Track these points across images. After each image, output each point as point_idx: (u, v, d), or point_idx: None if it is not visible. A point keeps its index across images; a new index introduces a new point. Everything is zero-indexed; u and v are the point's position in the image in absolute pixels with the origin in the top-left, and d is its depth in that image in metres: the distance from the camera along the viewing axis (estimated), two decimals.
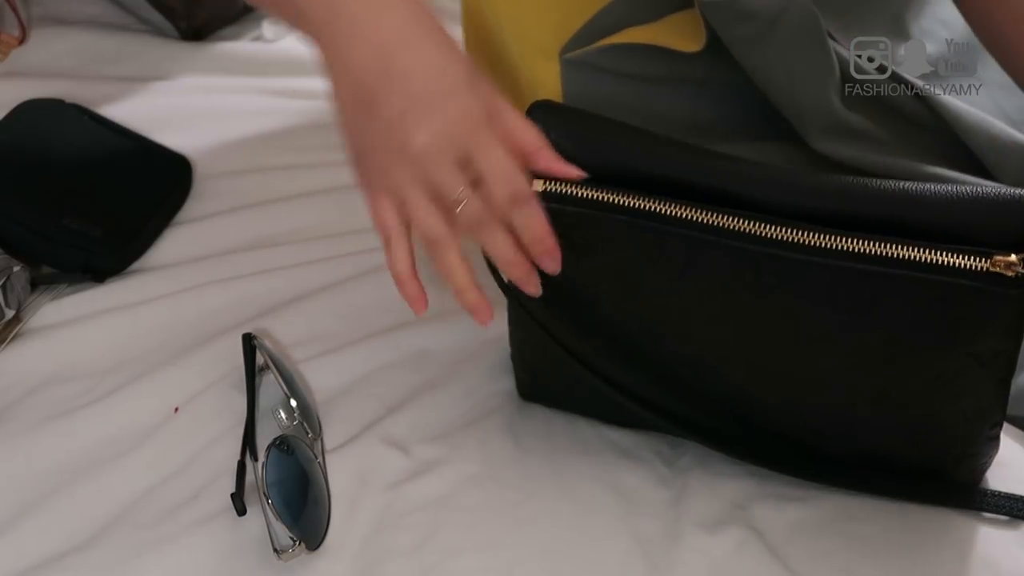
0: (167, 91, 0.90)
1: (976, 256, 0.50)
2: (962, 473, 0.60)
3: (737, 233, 0.52)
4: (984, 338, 0.52)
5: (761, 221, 0.52)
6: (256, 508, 0.58)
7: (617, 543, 0.58)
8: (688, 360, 0.59)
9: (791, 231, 0.52)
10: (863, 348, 0.55)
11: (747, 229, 0.52)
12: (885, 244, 0.50)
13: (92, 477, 0.61)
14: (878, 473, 0.60)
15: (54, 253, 0.73)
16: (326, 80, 0.55)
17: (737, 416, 0.60)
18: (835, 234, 0.51)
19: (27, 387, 0.66)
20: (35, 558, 0.57)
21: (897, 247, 0.50)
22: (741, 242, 0.52)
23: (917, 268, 0.50)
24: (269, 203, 0.80)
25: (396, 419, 0.64)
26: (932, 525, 0.59)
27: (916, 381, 0.55)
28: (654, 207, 0.53)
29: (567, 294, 0.58)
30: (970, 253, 0.50)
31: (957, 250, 0.50)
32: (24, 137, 0.80)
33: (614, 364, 0.60)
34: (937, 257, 0.50)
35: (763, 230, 0.52)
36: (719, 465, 0.62)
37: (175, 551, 0.57)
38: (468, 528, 0.59)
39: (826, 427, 0.59)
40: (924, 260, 0.50)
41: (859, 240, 0.51)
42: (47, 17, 0.96)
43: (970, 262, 0.50)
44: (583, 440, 0.63)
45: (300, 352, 0.68)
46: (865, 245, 0.51)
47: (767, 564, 0.57)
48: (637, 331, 0.59)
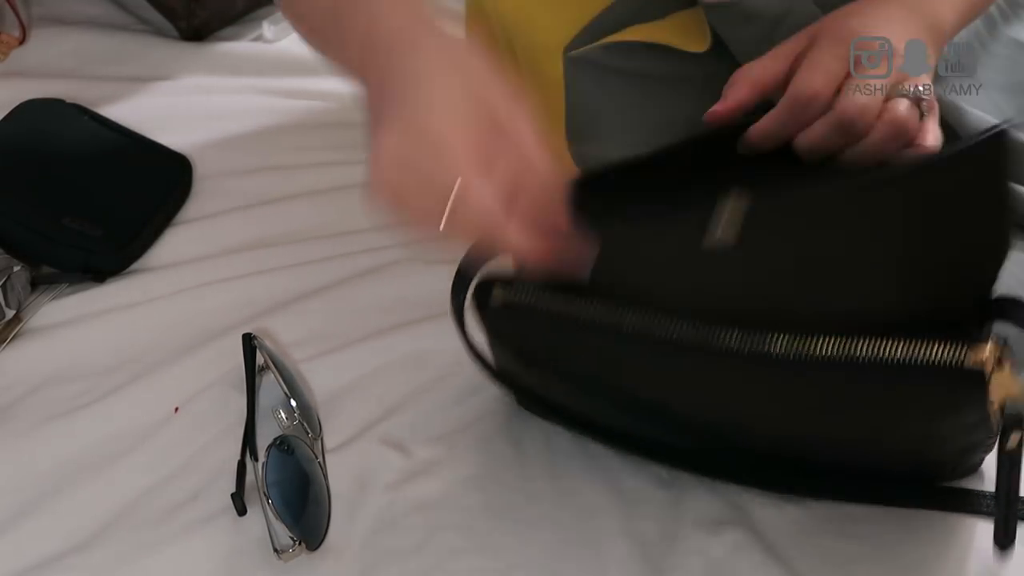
0: (167, 91, 0.90)
1: (952, 347, 0.45)
2: (961, 472, 0.60)
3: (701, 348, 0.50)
4: (967, 415, 0.50)
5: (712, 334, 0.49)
6: (256, 508, 0.58)
7: (616, 544, 0.58)
8: (661, 408, 0.57)
9: (756, 338, 0.48)
10: (847, 420, 0.53)
11: (699, 341, 0.49)
12: (852, 343, 0.46)
13: (92, 477, 0.61)
14: (874, 484, 0.60)
15: (54, 253, 0.73)
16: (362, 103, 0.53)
17: (726, 445, 0.60)
18: (800, 340, 0.47)
19: (27, 387, 0.66)
20: (35, 558, 0.57)
21: (866, 344, 0.46)
22: (709, 355, 0.50)
23: (888, 368, 0.46)
24: (269, 203, 0.80)
25: (396, 419, 0.64)
26: (932, 525, 0.59)
27: (904, 439, 0.54)
28: (612, 321, 0.51)
29: (541, 361, 0.58)
30: (945, 342, 0.45)
31: (930, 340, 0.46)
32: (24, 137, 0.80)
33: (595, 410, 0.60)
34: (910, 353, 0.46)
35: (724, 341, 0.49)
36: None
37: (175, 551, 0.57)
38: (467, 529, 0.59)
39: (817, 455, 0.58)
40: (896, 359, 0.46)
41: (825, 341, 0.47)
42: (47, 17, 0.96)
43: (945, 355, 0.45)
44: (582, 441, 0.63)
45: (300, 352, 0.68)
46: (830, 347, 0.47)
47: (766, 564, 0.57)
48: (616, 396, 0.58)
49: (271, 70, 0.94)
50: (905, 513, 0.59)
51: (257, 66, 0.94)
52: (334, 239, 0.77)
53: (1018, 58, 0.73)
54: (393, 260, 0.75)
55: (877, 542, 0.58)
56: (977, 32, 0.72)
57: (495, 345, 0.59)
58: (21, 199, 0.74)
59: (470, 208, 0.47)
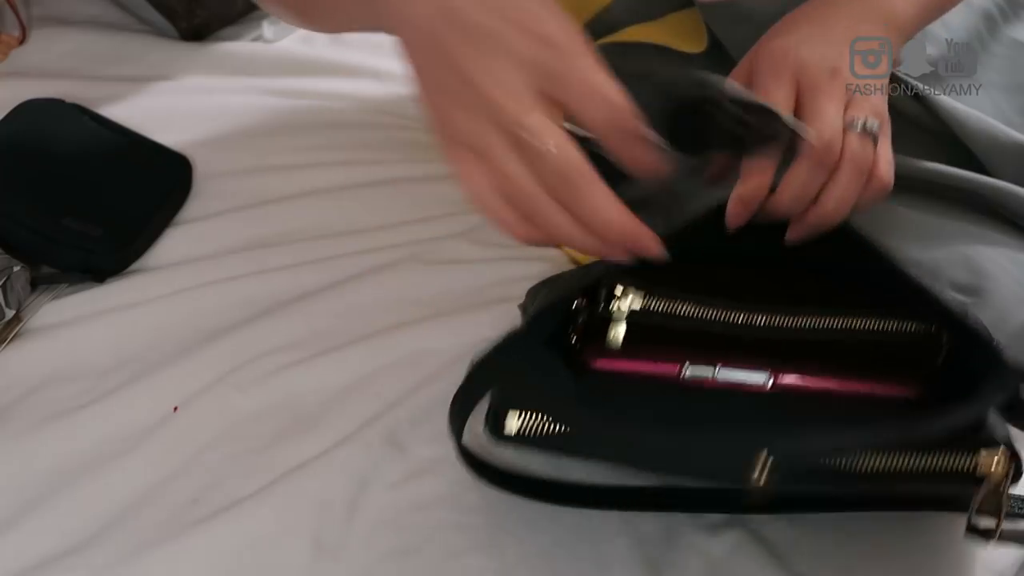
0: (167, 91, 0.90)
1: (963, 455, 0.49)
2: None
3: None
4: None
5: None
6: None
7: (617, 543, 0.58)
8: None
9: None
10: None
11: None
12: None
13: (92, 477, 0.61)
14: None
15: (54, 253, 0.73)
16: (400, 56, 0.50)
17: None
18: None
19: (27, 387, 0.66)
20: (35, 558, 0.57)
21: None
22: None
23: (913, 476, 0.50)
24: (269, 203, 0.80)
25: (396, 419, 0.64)
26: (932, 524, 0.59)
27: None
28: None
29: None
30: (957, 452, 0.49)
31: (945, 450, 0.49)
32: (24, 137, 0.80)
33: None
34: (922, 464, 0.49)
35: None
36: None
37: (175, 551, 0.57)
38: (468, 528, 0.59)
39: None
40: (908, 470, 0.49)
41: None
42: (47, 17, 0.96)
43: (957, 464, 0.49)
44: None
45: (300, 352, 0.68)
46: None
47: (766, 564, 0.57)
48: None
49: (271, 70, 0.94)
50: (904, 515, 0.59)
51: (257, 66, 0.94)
52: (334, 239, 0.77)
53: (1018, 58, 0.73)
54: (393, 260, 0.75)
55: (877, 542, 0.58)
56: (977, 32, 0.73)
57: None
58: (21, 199, 0.74)
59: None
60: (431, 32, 0.47)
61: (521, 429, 0.51)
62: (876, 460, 0.49)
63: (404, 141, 0.87)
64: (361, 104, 0.90)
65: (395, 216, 0.79)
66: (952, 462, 0.49)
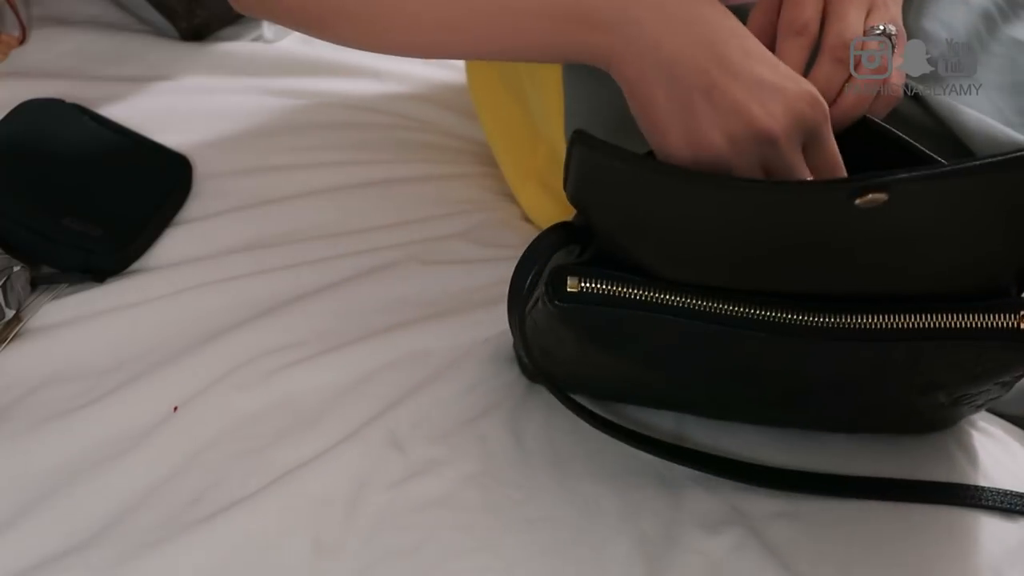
0: (167, 91, 0.90)
1: (1005, 314, 0.51)
2: (930, 426, 0.64)
3: (772, 324, 0.53)
4: (1012, 372, 0.55)
5: (790, 310, 0.53)
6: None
7: (617, 543, 0.58)
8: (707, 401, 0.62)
9: (817, 316, 0.53)
10: (890, 390, 0.58)
11: (778, 318, 0.53)
12: (909, 318, 0.52)
13: (92, 477, 0.61)
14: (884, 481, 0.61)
15: (54, 253, 0.73)
16: (622, 81, 0.56)
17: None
18: (855, 314, 0.52)
19: (27, 387, 0.66)
20: (35, 558, 0.57)
21: (923, 318, 0.52)
22: (774, 333, 0.53)
23: (945, 335, 0.52)
24: (269, 203, 0.80)
25: (396, 419, 0.64)
26: (933, 523, 0.59)
27: (939, 405, 0.59)
28: (691, 303, 0.53)
29: (589, 363, 0.59)
30: (999, 311, 0.52)
31: (985, 310, 0.52)
32: (24, 137, 0.80)
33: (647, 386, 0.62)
34: (965, 322, 0.52)
35: (793, 317, 0.53)
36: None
37: (175, 551, 0.57)
38: (468, 528, 0.59)
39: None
40: (952, 326, 0.52)
41: (882, 317, 0.52)
42: (47, 17, 0.96)
43: (1000, 321, 0.52)
44: (584, 439, 0.63)
45: (300, 352, 0.68)
46: (889, 321, 0.52)
47: (766, 564, 0.57)
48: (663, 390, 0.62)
49: (271, 70, 0.94)
50: (904, 512, 0.59)
51: (257, 66, 0.94)
52: (334, 239, 0.77)
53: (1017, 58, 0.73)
54: (393, 260, 0.75)
55: (876, 541, 0.58)
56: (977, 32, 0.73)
57: (554, 330, 0.58)
58: (21, 199, 0.74)
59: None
60: (697, 69, 0.53)
61: (583, 288, 0.53)
62: (918, 319, 0.52)
63: (403, 141, 0.87)
64: (361, 104, 0.90)
65: (395, 216, 0.79)
66: (995, 320, 0.52)
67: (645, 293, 0.53)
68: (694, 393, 0.63)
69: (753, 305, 0.53)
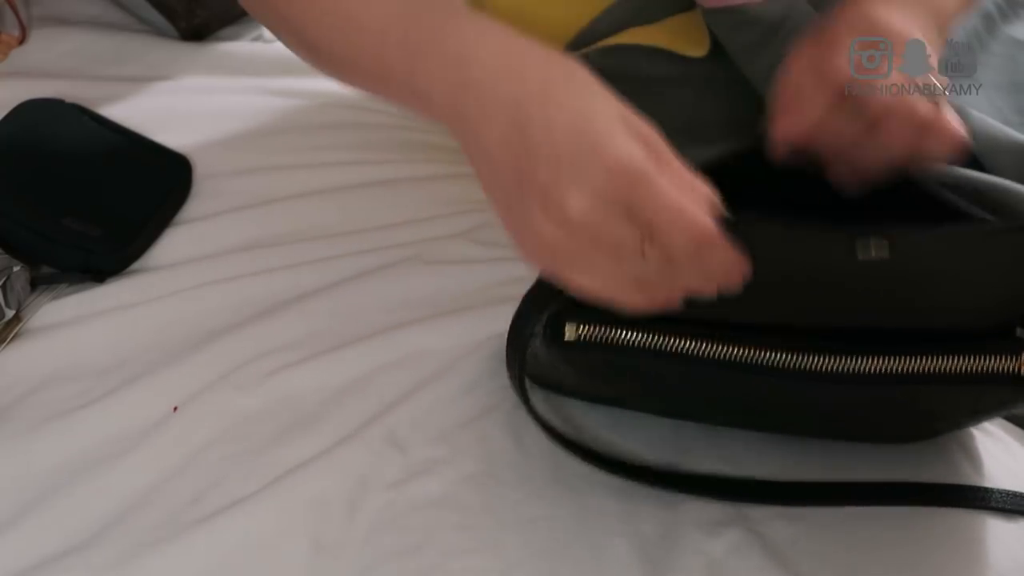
0: (167, 91, 0.90)
1: (1006, 356, 0.51)
2: (920, 437, 0.64)
3: (771, 369, 0.52)
4: (1012, 409, 0.56)
5: (791, 352, 0.52)
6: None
7: (616, 544, 0.58)
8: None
9: (818, 359, 0.52)
10: (892, 416, 0.58)
11: (778, 363, 0.52)
12: (909, 361, 0.51)
13: (92, 477, 0.61)
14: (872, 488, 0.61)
15: (54, 253, 0.73)
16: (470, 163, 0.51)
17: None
18: (855, 356, 0.52)
19: (27, 387, 0.66)
20: (35, 558, 0.57)
21: (923, 361, 0.51)
22: (773, 378, 0.53)
23: (944, 380, 0.51)
24: (269, 203, 0.80)
25: (396, 419, 0.64)
26: (934, 524, 0.59)
27: (941, 429, 0.60)
28: (692, 348, 0.52)
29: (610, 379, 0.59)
30: (999, 352, 0.51)
31: (985, 351, 0.51)
32: (24, 137, 0.80)
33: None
34: (965, 366, 0.51)
35: (794, 361, 0.52)
36: (717, 466, 0.62)
37: (175, 551, 0.57)
38: (468, 528, 0.59)
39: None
40: (952, 370, 0.51)
41: (882, 360, 0.52)
42: (47, 17, 0.96)
43: (1000, 365, 0.51)
44: (584, 439, 0.63)
45: (300, 352, 0.68)
46: (888, 364, 0.51)
47: (766, 565, 0.57)
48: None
49: (271, 70, 0.94)
50: (905, 513, 0.59)
51: (257, 66, 0.94)
52: (334, 239, 0.77)
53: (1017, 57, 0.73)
54: (394, 260, 0.75)
55: (877, 542, 0.58)
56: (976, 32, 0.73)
57: (554, 364, 0.58)
58: (21, 199, 0.74)
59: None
60: (505, 161, 0.47)
61: (580, 336, 0.52)
62: (918, 361, 0.51)
63: (404, 141, 0.87)
64: (362, 104, 0.90)
65: (395, 216, 0.79)
66: (995, 364, 0.51)
67: (644, 338, 0.52)
68: (693, 408, 0.63)
69: (753, 347, 0.52)
